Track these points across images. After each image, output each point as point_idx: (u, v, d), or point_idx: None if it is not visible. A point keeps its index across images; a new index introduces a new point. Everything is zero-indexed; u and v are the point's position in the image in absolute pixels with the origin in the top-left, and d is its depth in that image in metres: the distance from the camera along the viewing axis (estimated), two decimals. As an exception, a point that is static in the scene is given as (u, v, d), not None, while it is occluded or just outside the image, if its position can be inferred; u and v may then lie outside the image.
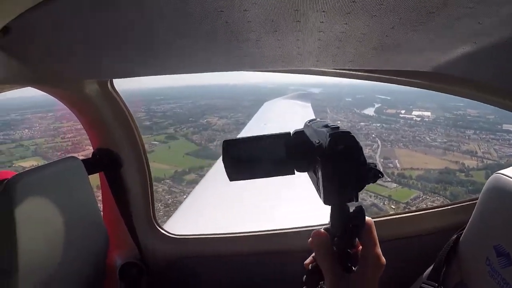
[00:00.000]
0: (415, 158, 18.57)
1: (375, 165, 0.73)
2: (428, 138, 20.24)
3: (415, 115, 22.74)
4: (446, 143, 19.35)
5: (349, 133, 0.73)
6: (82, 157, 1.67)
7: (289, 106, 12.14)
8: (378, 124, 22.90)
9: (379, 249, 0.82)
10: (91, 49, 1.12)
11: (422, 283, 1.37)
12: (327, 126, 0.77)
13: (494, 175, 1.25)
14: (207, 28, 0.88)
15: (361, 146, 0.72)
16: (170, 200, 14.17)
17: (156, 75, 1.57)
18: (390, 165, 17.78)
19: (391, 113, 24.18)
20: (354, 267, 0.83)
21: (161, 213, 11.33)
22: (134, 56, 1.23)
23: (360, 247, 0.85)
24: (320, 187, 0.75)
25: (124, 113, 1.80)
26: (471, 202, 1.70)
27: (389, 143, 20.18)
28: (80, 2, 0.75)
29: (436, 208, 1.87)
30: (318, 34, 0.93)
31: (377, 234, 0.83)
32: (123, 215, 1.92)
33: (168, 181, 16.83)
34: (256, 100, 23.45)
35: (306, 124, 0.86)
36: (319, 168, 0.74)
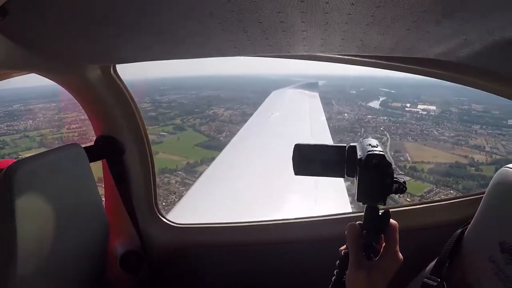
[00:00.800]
0: (425, 152, 18.68)
1: (403, 181, 0.97)
2: (436, 132, 20.26)
3: (420, 109, 22.69)
4: (454, 137, 19.33)
5: (383, 154, 0.96)
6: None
7: (296, 95, 12.14)
8: (385, 118, 22.89)
9: (398, 248, 1.00)
10: (94, 32, 1.11)
11: (425, 278, 1.36)
12: (370, 145, 1.00)
13: (502, 169, 1.23)
14: (213, 10, 0.88)
15: (391, 164, 0.95)
16: (185, 192, 14.23)
17: (161, 59, 1.56)
18: (401, 158, 17.98)
19: (396, 107, 24.15)
20: (375, 258, 1.02)
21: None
22: (139, 40, 1.22)
23: (383, 244, 1.03)
24: (356, 189, 0.99)
25: (127, 99, 1.80)
26: (479, 196, 1.68)
27: (397, 137, 20.29)
28: None
29: (443, 201, 1.85)
30: (325, 16, 0.91)
31: None
32: (124, 204, 1.92)
33: (180, 172, 17.00)
34: (261, 91, 23.45)
35: (359, 141, 1.07)
36: (357, 175, 0.98)
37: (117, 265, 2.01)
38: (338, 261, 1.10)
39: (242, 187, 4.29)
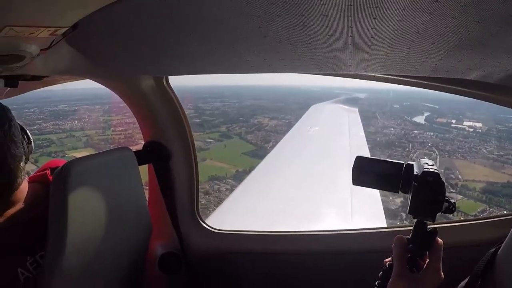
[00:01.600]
0: (475, 170, 18.18)
1: (454, 202, 1.03)
2: (484, 150, 19.48)
3: (466, 126, 22.10)
4: (503, 156, 18.51)
5: (438, 172, 1.02)
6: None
7: (335, 110, 12.06)
8: (432, 133, 22.35)
9: (440, 265, 1.05)
10: (149, 46, 1.19)
11: None
12: (426, 164, 1.06)
13: None
14: (264, 30, 0.94)
15: (444, 183, 1.01)
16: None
17: (214, 73, 1.64)
18: (452, 176, 17.63)
19: (441, 122, 23.61)
20: (418, 272, 1.06)
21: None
22: (192, 54, 1.29)
23: (427, 260, 1.07)
24: (408, 203, 1.05)
25: (176, 108, 1.90)
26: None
27: (446, 153, 19.95)
28: (142, 4, 0.82)
29: (479, 220, 1.84)
30: (370, 40, 0.96)
31: None
32: (167, 207, 2.02)
33: (230, 180, 17.20)
34: (303, 102, 23.43)
35: (416, 160, 1.14)
36: (411, 191, 1.04)
37: (155, 266, 2.10)
38: (381, 272, 1.14)
39: (278, 196, 4.35)
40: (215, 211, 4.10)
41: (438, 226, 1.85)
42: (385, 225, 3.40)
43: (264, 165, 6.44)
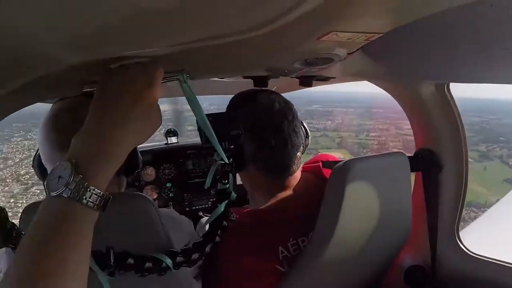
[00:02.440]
0: None
1: None
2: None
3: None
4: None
5: None
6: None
7: None
8: None
9: None
10: (433, 50, 1.15)
11: None
12: None
13: None
14: None
15: None
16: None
17: (498, 83, 1.49)
18: None
19: None
20: None
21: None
22: (475, 60, 1.20)
23: None
24: None
25: (455, 118, 1.79)
26: None
27: None
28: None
29: None
30: None
31: None
32: (427, 218, 1.93)
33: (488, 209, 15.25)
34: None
35: None
36: None
37: (399, 275, 2.03)
38: None
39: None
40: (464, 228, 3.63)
41: None
42: None
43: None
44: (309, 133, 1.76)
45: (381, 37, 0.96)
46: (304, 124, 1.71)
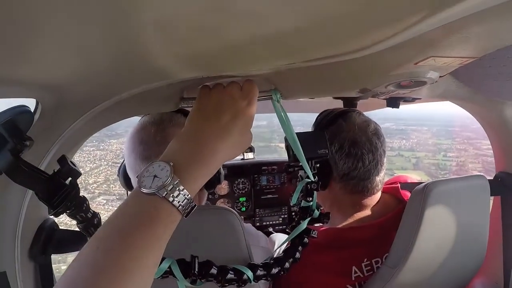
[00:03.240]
0: None
1: None
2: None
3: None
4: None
5: None
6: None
7: None
8: None
9: None
10: None
11: None
12: None
13: None
14: None
15: None
16: None
17: None
18: None
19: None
20: None
21: None
22: None
23: None
24: None
25: None
26: None
27: None
28: None
29: None
30: None
31: None
32: (504, 245, 1.84)
33: None
34: None
35: None
36: None
37: None
38: None
39: None
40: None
41: None
42: None
43: None
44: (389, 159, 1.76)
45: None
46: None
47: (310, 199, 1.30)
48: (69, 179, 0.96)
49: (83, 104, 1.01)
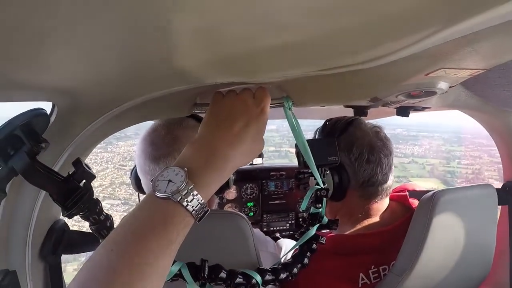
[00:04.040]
0: None
1: None
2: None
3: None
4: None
5: None
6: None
7: None
8: None
9: None
10: None
11: None
12: None
13: None
14: None
15: None
16: None
17: None
18: None
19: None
20: None
21: None
22: None
23: None
24: None
25: None
26: None
27: None
28: None
29: None
30: None
31: None
32: (510, 254, 1.84)
33: None
34: None
35: None
36: None
37: None
38: None
39: None
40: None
41: None
42: None
43: None
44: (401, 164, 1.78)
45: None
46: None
47: (320, 205, 1.32)
48: (83, 181, 0.99)
49: (98, 108, 1.05)
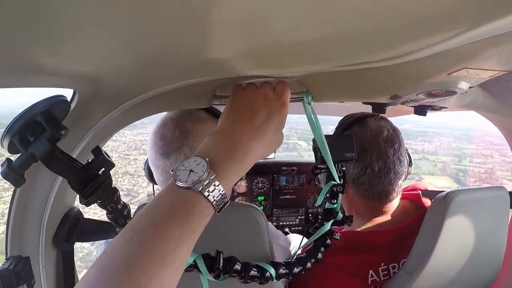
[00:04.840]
0: None
1: None
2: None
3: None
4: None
5: None
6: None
7: None
8: None
9: None
10: None
11: None
12: None
13: None
14: None
15: None
16: None
17: None
18: None
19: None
20: None
21: None
22: None
23: None
24: None
25: None
26: None
27: None
28: None
29: None
30: None
31: None
32: None
33: None
34: None
35: None
36: None
37: None
38: None
39: None
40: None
41: None
42: None
43: None
44: (413, 161, 1.77)
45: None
46: (409, 152, 1.72)
47: (335, 201, 1.33)
48: (102, 169, 1.01)
49: (118, 96, 1.07)
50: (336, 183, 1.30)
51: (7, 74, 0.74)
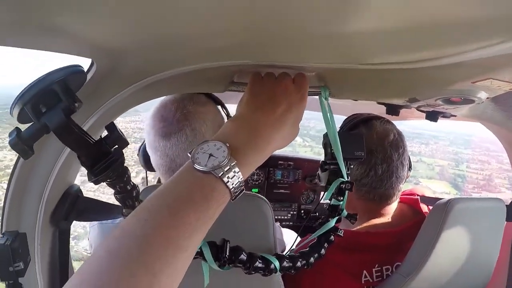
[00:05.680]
0: None
1: None
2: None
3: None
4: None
5: None
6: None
7: None
8: None
9: None
10: None
11: None
12: None
13: None
14: None
15: None
16: None
17: None
18: None
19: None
20: None
21: None
22: None
23: None
24: None
25: None
26: None
27: None
28: None
29: None
30: None
31: None
32: (509, 272, 1.87)
33: None
34: None
35: None
36: None
37: None
38: None
39: None
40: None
41: None
42: None
43: None
44: (412, 166, 1.78)
45: None
46: (409, 156, 1.74)
47: (341, 198, 1.35)
48: (115, 147, 0.99)
49: (136, 73, 1.06)
50: (344, 180, 1.31)
51: (29, 32, 0.71)
